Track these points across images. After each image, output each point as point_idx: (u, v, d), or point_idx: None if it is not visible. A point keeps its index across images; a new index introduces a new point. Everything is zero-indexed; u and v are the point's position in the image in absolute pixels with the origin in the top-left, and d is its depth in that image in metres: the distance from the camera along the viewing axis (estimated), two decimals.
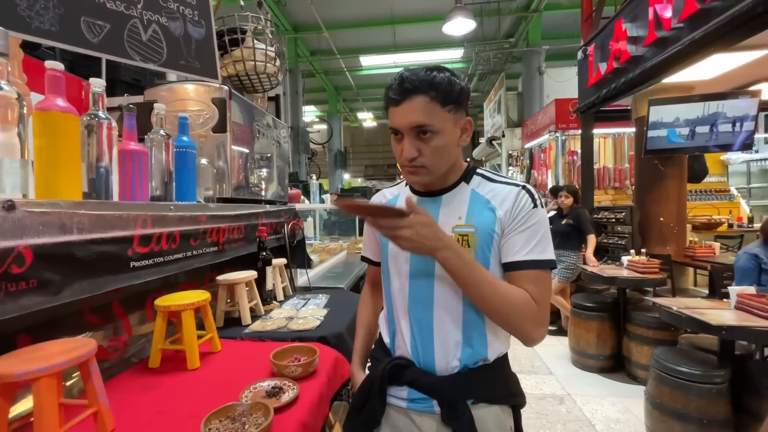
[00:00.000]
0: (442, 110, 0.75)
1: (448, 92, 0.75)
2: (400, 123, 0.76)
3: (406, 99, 0.75)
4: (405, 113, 0.75)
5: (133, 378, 0.96)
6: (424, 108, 0.74)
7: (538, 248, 0.77)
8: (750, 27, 2.13)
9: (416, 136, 0.76)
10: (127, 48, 1.14)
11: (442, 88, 0.74)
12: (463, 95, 0.78)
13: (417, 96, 0.74)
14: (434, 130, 0.75)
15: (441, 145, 0.77)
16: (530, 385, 2.84)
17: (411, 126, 0.75)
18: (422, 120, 0.74)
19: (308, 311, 1.43)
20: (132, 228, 0.94)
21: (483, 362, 0.80)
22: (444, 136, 0.77)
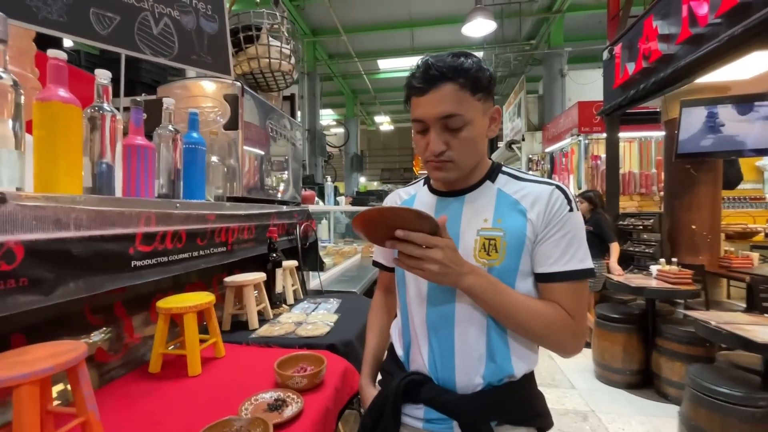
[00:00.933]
0: (471, 98, 0.69)
1: (478, 79, 0.69)
2: (427, 114, 0.69)
3: (433, 87, 0.68)
4: (432, 103, 0.68)
5: (131, 383, 0.91)
6: (453, 96, 0.68)
7: (576, 257, 0.69)
8: None
9: (444, 128, 0.69)
10: (138, 41, 1.11)
11: (471, 74, 0.68)
12: (492, 82, 0.72)
13: (445, 84, 0.68)
14: (464, 121, 0.68)
15: (471, 136, 0.70)
16: (551, 399, 2.69)
17: (439, 116, 0.68)
18: (452, 109, 0.67)
19: (318, 316, 1.37)
20: (134, 225, 0.90)
21: (509, 379, 0.72)
22: (474, 127, 0.70)
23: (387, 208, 0.61)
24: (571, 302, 0.69)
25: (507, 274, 0.70)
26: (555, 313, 0.69)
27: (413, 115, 0.73)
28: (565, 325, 0.69)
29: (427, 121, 0.70)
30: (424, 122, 0.71)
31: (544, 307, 0.69)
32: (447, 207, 0.78)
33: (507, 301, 0.68)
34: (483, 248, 0.71)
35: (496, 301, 0.68)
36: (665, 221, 3.70)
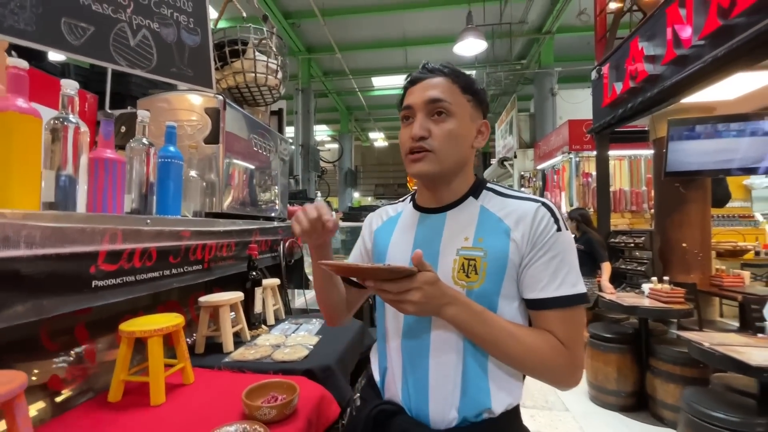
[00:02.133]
0: (461, 95, 0.70)
1: (468, 82, 0.72)
2: (415, 99, 0.70)
3: (427, 78, 0.71)
4: (422, 89, 0.70)
5: (86, 414, 0.84)
6: (443, 85, 0.70)
7: (567, 281, 0.64)
8: None
9: (429, 116, 0.69)
10: (113, 52, 1.08)
11: (463, 77, 0.72)
12: (482, 94, 0.74)
13: (438, 76, 0.71)
14: (449, 111, 0.69)
15: (454, 129, 0.69)
16: (544, 422, 2.61)
17: (426, 101, 0.69)
18: (439, 95, 0.68)
19: (298, 338, 1.31)
20: (97, 243, 0.85)
21: (488, 415, 0.66)
22: (458, 122, 0.69)
23: (360, 268, 0.59)
24: (565, 331, 0.64)
25: (488, 297, 0.66)
26: (547, 344, 0.64)
27: (404, 103, 0.73)
28: (558, 356, 0.64)
29: (414, 106, 0.70)
30: (411, 108, 0.71)
31: (535, 337, 0.64)
32: (428, 224, 0.74)
33: (493, 332, 0.63)
34: (462, 269, 0.67)
35: (481, 332, 0.63)
36: (656, 239, 3.69)
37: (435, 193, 0.74)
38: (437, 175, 0.71)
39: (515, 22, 6.80)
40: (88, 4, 1.02)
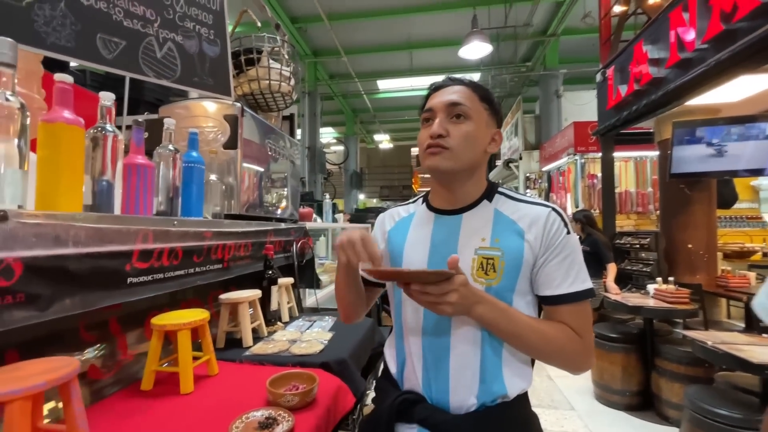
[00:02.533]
0: (478, 102, 0.78)
1: (486, 93, 0.80)
2: (437, 102, 0.77)
3: (449, 86, 0.79)
4: (444, 93, 0.78)
5: (122, 401, 0.91)
6: (463, 92, 0.77)
7: (578, 279, 0.72)
8: None
9: (448, 118, 0.76)
10: (142, 64, 1.15)
11: (481, 88, 0.80)
12: (498, 105, 0.82)
13: (459, 85, 0.79)
14: (467, 114, 0.76)
15: (470, 131, 0.76)
16: (550, 421, 2.65)
17: (447, 103, 0.76)
18: (459, 99, 0.76)
19: (312, 334, 1.37)
20: (132, 242, 0.92)
21: (502, 400, 0.73)
22: (475, 126, 0.76)
23: (404, 272, 0.66)
24: (578, 321, 0.72)
25: (504, 293, 0.72)
26: (564, 334, 0.71)
27: (426, 107, 0.80)
28: (574, 344, 0.71)
29: (435, 108, 0.77)
30: (432, 110, 0.78)
31: (553, 329, 0.71)
32: (444, 224, 0.80)
33: (516, 327, 0.70)
34: (481, 267, 0.73)
35: (505, 327, 0.70)
36: (661, 240, 3.72)
37: (450, 193, 0.80)
38: (451, 171, 0.76)
39: (520, 24, 6.84)
40: (120, 21, 1.09)
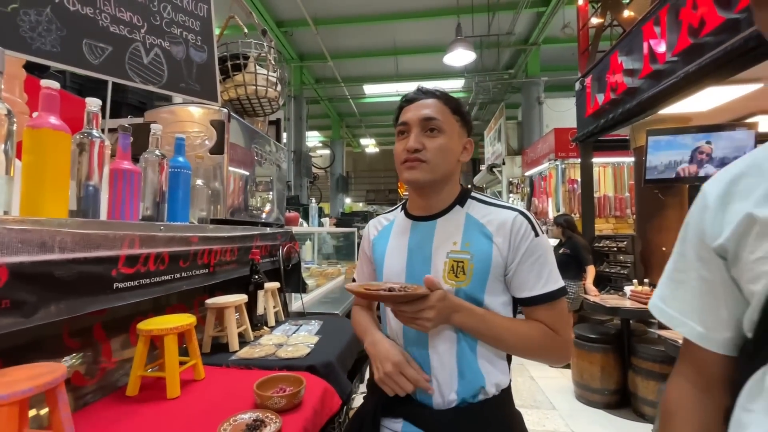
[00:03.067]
0: (451, 115, 0.81)
1: (458, 105, 0.83)
2: (411, 116, 0.80)
3: (421, 99, 0.82)
4: (417, 108, 0.81)
5: (108, 407, 0.91)
6: (436, 107, 0.80)
7: (551, 280, 0.76)
8: (742, 61, 2.18)
9: (423, 132, 0.79)
10: (128, 70, 1.15)
11: (453, 100, 0.83)
12: (468, 116, 0.85)
13: (431, 98, 0.82)
14: (441, 128, 0.79)
15: (444, 144, 0.79)
16: (532, 421, 2.71)
17: (421, 118, 0.79)
18: (433, 114, 0.79)
19: (299, 338, 1.38)
20: (118, 248, 0.92)
21: (483, 395, 0.76)
22: (448, 139, 0.80)
23: (379, 295, 0.69)
24: (553, 319, 0.76)
25: (474, 294, 0.76)
26: (539, 332, 0.75)
27: (400, 121, 0.83)
28: (550, 341, 0.75)
29: (410, 122, 0.80)
30: (407, 124, 0.81)
31: (528, 329, 0.76)
32: (420, 230, 0.84)
33: (494, 330, 0.74)
34: (452, 270, 0.77)
35: (484, 331, 0.74)
36: (638, 243, 3.85)
37: (426, 201, 0.84)
38: (428, 182, 0.80)
39: (503, 33, 7.01)
40: (107, 26, 1.10)
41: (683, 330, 0.52)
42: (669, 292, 0.55)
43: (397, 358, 0.75)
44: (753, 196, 0.44)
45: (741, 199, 0.46)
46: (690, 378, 0.53)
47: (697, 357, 0.52)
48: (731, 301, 0.48)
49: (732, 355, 0.49)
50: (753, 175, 0.46)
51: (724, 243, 0.46)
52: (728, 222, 0.46)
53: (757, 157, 0.47)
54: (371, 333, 0.85)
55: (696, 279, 0.51)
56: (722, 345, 0.49)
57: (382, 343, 0.80)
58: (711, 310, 0.50)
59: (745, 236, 0.44)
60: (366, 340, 0.85)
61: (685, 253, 0.53)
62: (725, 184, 0.48)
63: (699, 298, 0.51)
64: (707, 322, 0.50)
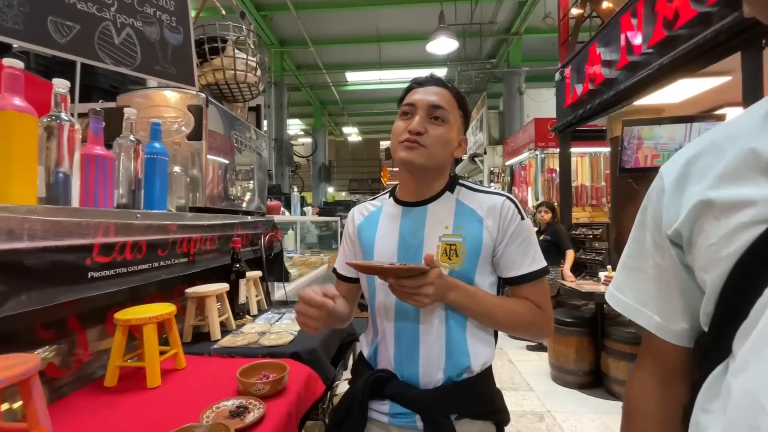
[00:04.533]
0: (456, 109, 0.83)
1: (464, 101, 0.86)
2: (419, 99, 0.81)
3: (432, 85, 0.83)
4: (428, 92, 0.81)
5: (85, 398, 0.89)
6: (446, 96, 0.82)
7: (535, 260, 0.81)
8: (713, 54, 2.25)
9: (427, 117, 0.80)
10: (98, 50, 1.10)
11: (460, 95, 0.86)
12: (469, 114, 0.88)
13: (443, 87, 0.83)
14: (445, 118, 0.80)
15: (445, 134, 0.81)
16: (511, 402, 2.80)
17: (429, 104, 0.80)
18: (440, 102, 0.80)
19: (282, 326, 1.38)
20: (92, 236, 0.89)
21: (467, 374, 0.79)
22: (449, 131, 0.81)
23: (382, 267, 0.70)
24: (538, 296, 0.81)
25: (466, 275, 0.79)
26: (526, 309, 0.80)
27: (406, 101, 0.83)
28: (536, 316, 0.80)
29: (417, 104, 0.81)
30: (414, 106, 0.81)
31: (516, 305, 0.80)
32: (412, 216, 0.85)
33: (485, 307, 0.78)
34: (444, 253, 0.79)
35: (475, 308, 0.77)
36: (612, 231, 3.99)
37: (417, 188, 0.85)
38: (422, 167, 0.81)
39: (485, 22, 7.01)
40: (74, 3, 1.04)
41: (640, 320, 0.49)
42: (624, 281, 0.52)
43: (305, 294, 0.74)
44: (709, 178, 0.41)
45: (697, 181, 0.42)
46: (651, 370, 0.51)
47: (656, 348, 0.50)
48: (687, 291, 0.45)
49: (690, 347, 0.47)
50: (710, 155, 0.42)
51: (679, 228, 0.43)
52: (684, 206, 0.43)
53: (715, 136, 0.43)
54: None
55: (652, 267, 0.48)
56: (679, 336, 0.47)
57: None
58: (667, 300, 0.47)
59: (700, 221, 0.41)
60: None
61: (642, 240, 0.49)
62: (681, 165, 0.45)
63: (655, 287, 0.48)
64: (664, 312, 0.47)
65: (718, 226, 0.39)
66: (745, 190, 0.38)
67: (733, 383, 0.36)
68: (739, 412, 0.35)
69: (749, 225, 0.36)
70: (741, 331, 0.36)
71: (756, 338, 0.35)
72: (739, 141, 0.40)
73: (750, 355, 0.35)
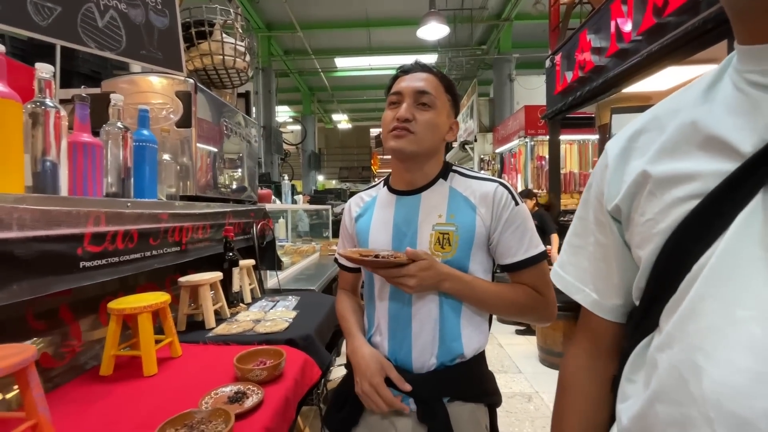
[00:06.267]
0: (443, 93, 0.83)
1: (451, 84, 0.85)
2: (406, 86, 0.81)
3: (417, 71, 0.83)
4: (413, 79, 0.81)
5: (81, 387, 0.89)
6: (431, 81, 0.82)
7: (532, 245, 0.81)
8: (700, 42, 2.28)
9: (415, 104, 0.80)
10: (81, 34, 1.06)
11: (447, 79, 0.85)
12: (458, 98, 0.87)
13: (428, 73, 0.83)
14: (433, 103, 0.80)
15: (434, 119, 0.80)
16: (500, 384, 2.85)
17: (415, 90, 0.80)
18: (427, 88, 0.80)
19: (276, 313, 1.39)
20: (83, 225, 0.88)
21: (460, 359, 0.81)
22: (437, 115, 0.81)
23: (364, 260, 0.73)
24: (537, 281, 0.81)
25: (460, 263, 0.80)
26: (524, 294, 0.80)
27: (393, 89, 0.83)
28: (535, 302, 0.80)
29: (403, 92, 0.80)
30: (400, 94, 0.81)
31: (514, 292, 0.80)
32: (405, 204, 0.85)
33: (482, 295, 0.79)
34: (438, 242, 0.80)
35: (472, 297, 0.79)
36: None
37: (409, 175, 0.85)
38: (412, 154, 0.81)
39: (476, 7, 6.93)
40: None
41: (578, 297, 0.50)
42: (568, 259, 0.52)
43: (375, 379, 0.77)
44: (649, 153, 0.41)
45: (638, 156, 0.42)
46: (585, 347, 0.52)
47: (592, 325, 0.50)
48: (623, 267, 0.45)
49: (623, 323, 0.47)
50: (652, 130, 0.42)
51: (619, 204, 0.43)
52: (625, 181, 0.42)
53: (657, 111, 0.43)
54: (353, 337, 0.88)
55: (593, 244, 0.48)
56: (613, 312, 0.48)
57: (362, 353, 0.82)
58: (605, 276, 0.47)
59: (638, 196, 0.41)
60: (348, 343, 0.89)
61: (586, 217, 0.49)
62: (624, 140, 0.45)
63: (595, 264, 0.48)
64: (601, 289, 0.48)
65: (654, 202, 0.39)
66: (682, 164, 0.37)
67: (659, 357, 0.37)
68: (665, 387, 0.36)
69: (684, 200, 0.36)
70: (668, 307, 0.37)
71: (681, 314, 0.35)
72: (680, 115, 0.40)
73: (675, 330, 0.36)
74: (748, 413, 0.30)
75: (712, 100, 0.38)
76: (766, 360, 0.30)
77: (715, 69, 0.40)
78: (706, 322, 0.33)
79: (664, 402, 0.36)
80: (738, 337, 0.31)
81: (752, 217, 0.32)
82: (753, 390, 0.30)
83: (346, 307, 0.96)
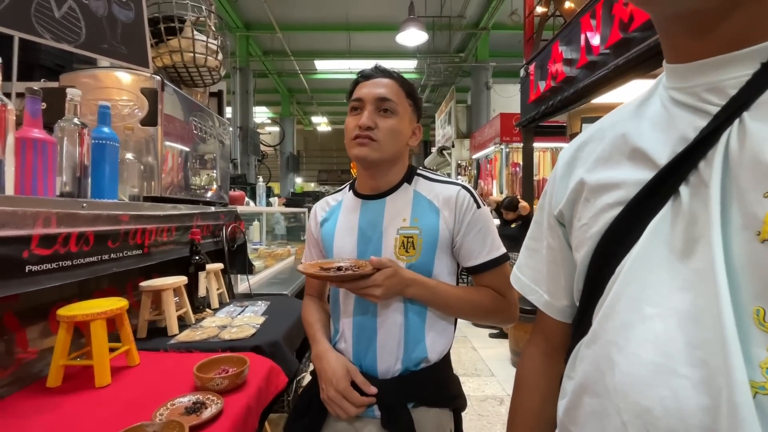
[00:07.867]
0: (404, 98, 0.83)
1: (412, 89, 0.85)
2: (367, 93, 0.80)
3: (378, 77, 0.82)
4: (373, 86, 0.80)
5: (25, 400, 0.83)
6: (391, 87, 0.81)
7: (494, 247, 0.82)
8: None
9: (376, 111, 0.80)
10: (35, 24, 1.01)
11: (408, 84, 0.84)
12: (420, 102, 0.87)
13: (388, 78, 0.82)
14: (394, 110, 0.80)
15: (396, 126, 0.80)
16: (472, 387, 2.91)
17: (376, 97, 0.79)
18: (388, 95, 0.79)
19: (244, 319, 1.35)
20: (30, 227, 0.82)
21: (425, 364, 0.80)
22: (400, 121, 0.81)
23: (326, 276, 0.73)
24: (499, 283, 0.82)
25: (425, 267, 0.80)
26: (488, 297, 0.81)
27: (354, 96, 0.82)
28: (499, 304, 0.81)
29: (365, 99, 0.80)
30: (361, 101, 0.80)
31: (477, 295, 0.81)
32: (370, 209, 0.85)
33: (446, 300, 0.79)
34: (402, 246, 0.80)
35: (436, 302, 0.79)
36: None
37: (374, 181, 0.85)
38: (376, 161, 0.81)
39: (455, 15, 7.06)
40: None
41: (533, 298, 0.52)
42: (524, 261, 0.55)
43: (341, 384, 0.76)
44: (589, 161, 0.44)
45: (581, 165, 0.45)
46: (540, 346, 0.55)
47: (545, 325, 0.53)
48: (568, 270, 0.48)
49: (570, 323, 0.49)
50: (595, 140, 0.45)
51: (563, 209, 0.46)
52: (568, 188, 0.45)
53: (602, 123, 0.46)
54: (317, 343, 0.86)
55: (546, 247, 0.51)
56: (562, 313, 0.50)
57: (327, 359, 0.80)
58: (555, 278, 0.50)
59: (576, 202, 0.44)
60: (312, 349, 0.87)
61: (541, 222, 0.52)
62: (573, 150, 0.47)
63: (547, 267, 0.51)
64: (552, 291, 0.50)
65: (588, 207, 0.42)
66: (612, 173, 0.40)
67: (585, 353, 0.40)
68: (588, 380, 0.39)
69: (612, 206, 0.39)
70: (598, 306, 0.40)
71: (604, 313, 0.38)
72: (617, 127, 0.43)
73: (599, 327, 0.39)
74: (648, 402, 0.32)
75: (641, 114, 0.41)
76: (665, 353, 0.32)
77: (651, 85, 0.43)
78: (621, 320, 0.36)
79: (588, 394, 0.39)
80: (644, 333, 0.34)
81: (662, 222, 0.35)
82: (652, 380, 0.33)
83: (311, 313, 0.94)
